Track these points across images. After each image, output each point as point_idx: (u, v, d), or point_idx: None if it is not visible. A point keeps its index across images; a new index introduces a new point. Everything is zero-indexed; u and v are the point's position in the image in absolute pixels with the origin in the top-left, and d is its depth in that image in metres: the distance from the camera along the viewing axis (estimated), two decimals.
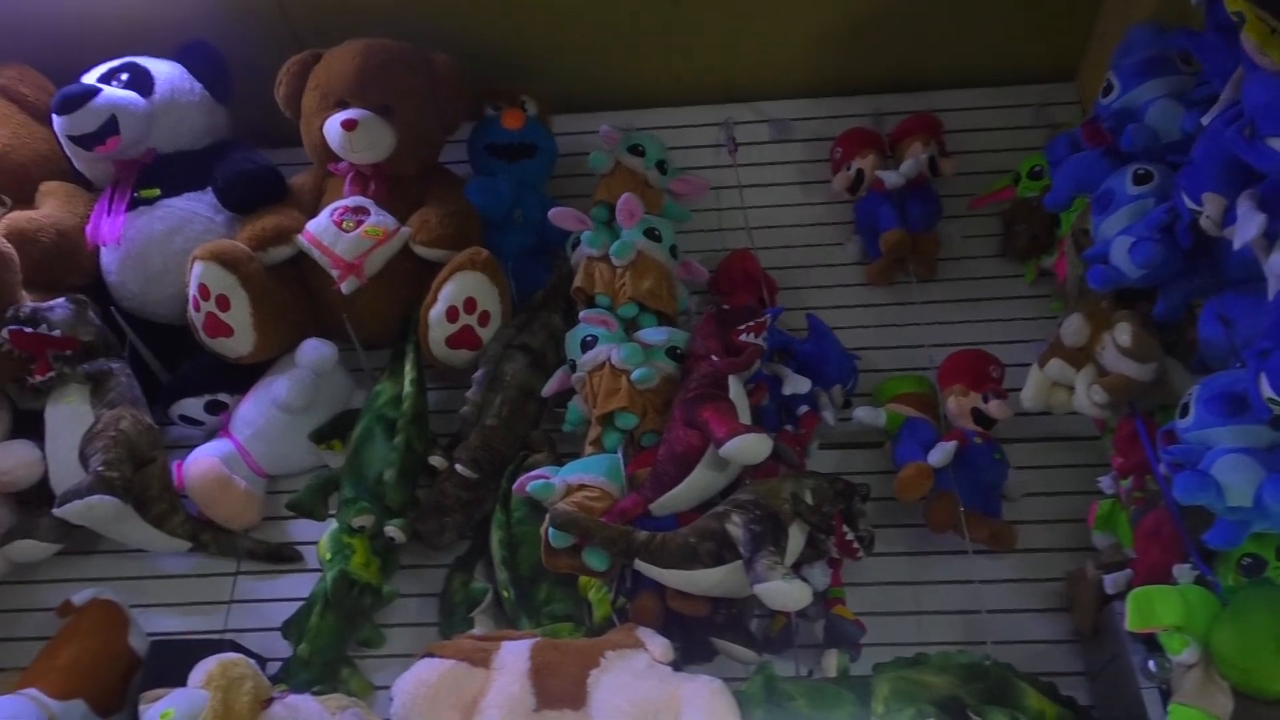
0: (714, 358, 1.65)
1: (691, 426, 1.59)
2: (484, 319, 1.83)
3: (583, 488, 1.64)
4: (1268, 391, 1.17)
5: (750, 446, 1.51)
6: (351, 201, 1.89)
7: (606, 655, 1.47)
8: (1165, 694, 1.37)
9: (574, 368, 1.79)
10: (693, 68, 2.17)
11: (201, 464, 1.80)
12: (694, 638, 1.59)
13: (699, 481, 1.59)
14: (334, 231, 1.85)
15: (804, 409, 1.74)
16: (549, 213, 1.88)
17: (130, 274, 1.92)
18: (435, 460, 1.79)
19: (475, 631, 1.63)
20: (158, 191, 1.94)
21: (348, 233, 1.85)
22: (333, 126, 1.88)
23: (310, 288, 1.90)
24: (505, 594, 1.68)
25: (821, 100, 2.20)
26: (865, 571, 1.67)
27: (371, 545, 1.73)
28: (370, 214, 1.87)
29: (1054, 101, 2.12)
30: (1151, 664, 1.37)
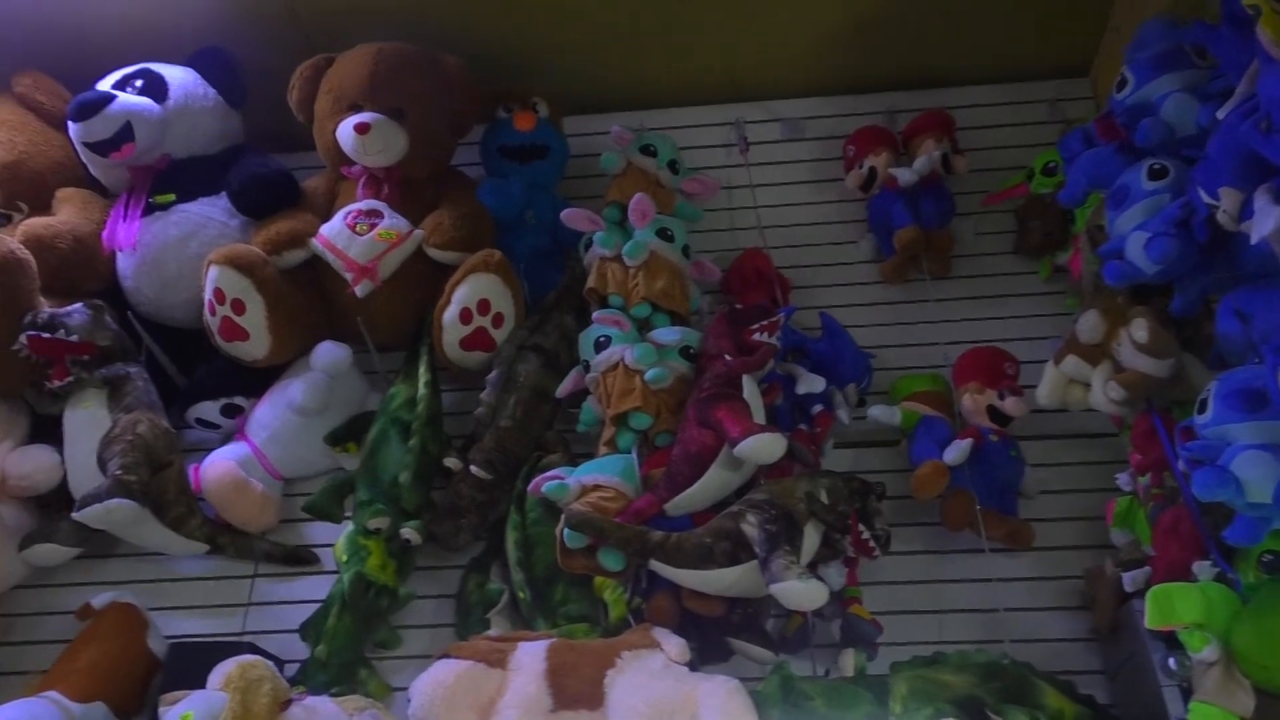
0: (727, 357, 1.65)
1: (706, 426, 1.59)
2: (497, 321, 1.84)
3: (597, 488, 1.64)
4: None
5: (765, 446, 1.51)
6: (365, 205, 1.89)
7: (623, 655, 1.47)
8: (1186, 692, 1.36)
9: (587, 368, 1.79)
10: (703, 67, 2.16)
11: (218, 467, 1.81)
12: (710, 638, 1.59)
13: (714, 481, 1.59)
14: (348, 235, 1.86)
15: (818, 408, 1.74)
16: (561, 214, 1.88)
17: (146, 279, 1.93)
18: (450, 462, 1.79)
19: (491, 633, 1.64)
20: (173, 197, 1.95)
21: (361, 236, 1.85)
22: (346, 130, 1.88)
23: (325, 291, 1.91)
24: (521, 595, 1.68)
25: (833, 99, 2.19)
26: (881, 570, 1.66)
27: (388, 547, 1.73)
28: (384, 217, 1.88)
29: (1067, 97, 2.11)
30: (1171, 662, 1.36)
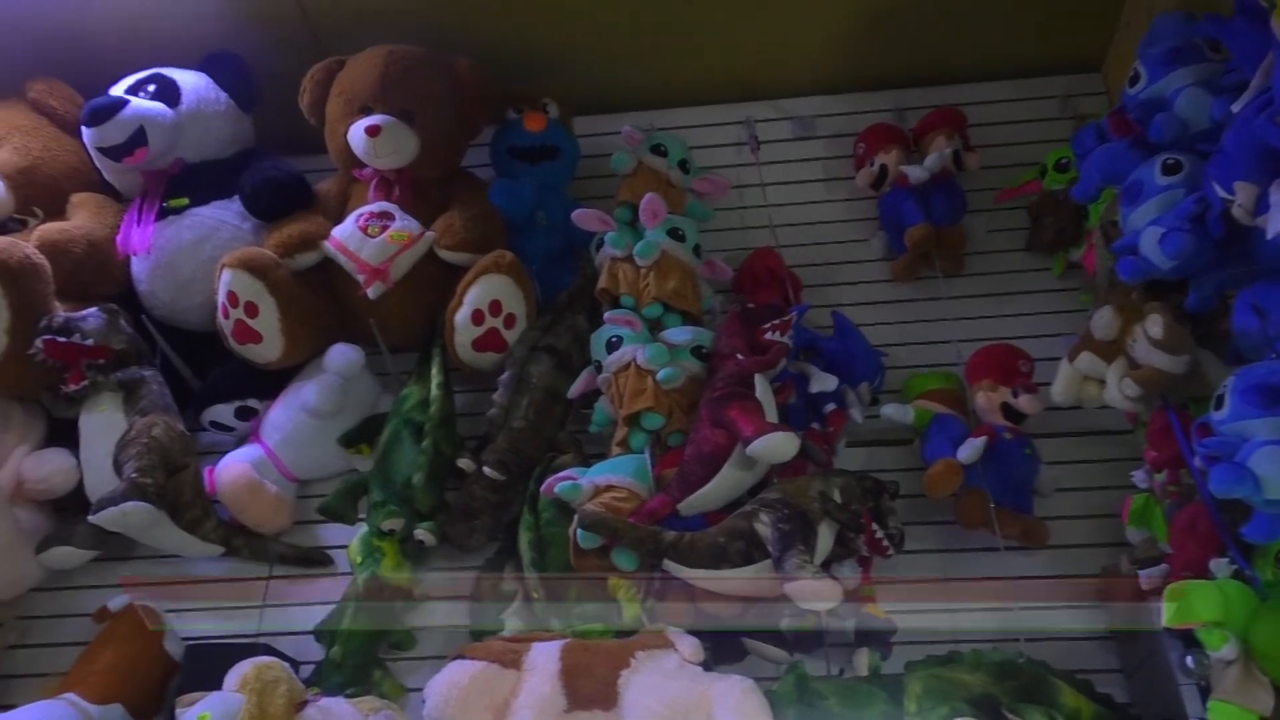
0: (740, 356, 1.65)
1: (718, 426, 1.58)
2: (509, 322, 1.84)
3: (610, 488, 1.64)
4: None
5: (778, 445, 1.51)
6: (376, 207, 1.90)
7: (637, 656, 1.47)
8: (1204, 690, 1.35)
9: (599, 369, 1.79)
10: (713, 66, 2.16)
11: (232, 469, 1.81)
12: (724, 637, 1.59)
13: (726, 481, 1.59)
14: (359, 237, 1.86)
15: (831, 407, 1.74)
16: (572, 214, 1.88)
17: (160, 282, 1.94)
18: (463, 463, 1.79)
19: (505, 633, 1.64)
20: (186, 201, 1.97)
21: (373, 238, 1.86)
22: (357, 133, 1.89)
23: (337, 293, 1.92)
24: (535, 595, 1.68)
25: (843, 96, 2.19)
26: (896, 569, 1.65)
27: (402, 548, 1.74)
28: (395, 219, 1.88)
29: (1080, 92, 2.10)
30: (1189, 660, 1.35)
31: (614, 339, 1.76)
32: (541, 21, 2.06)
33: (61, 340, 1.75)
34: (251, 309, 1.81)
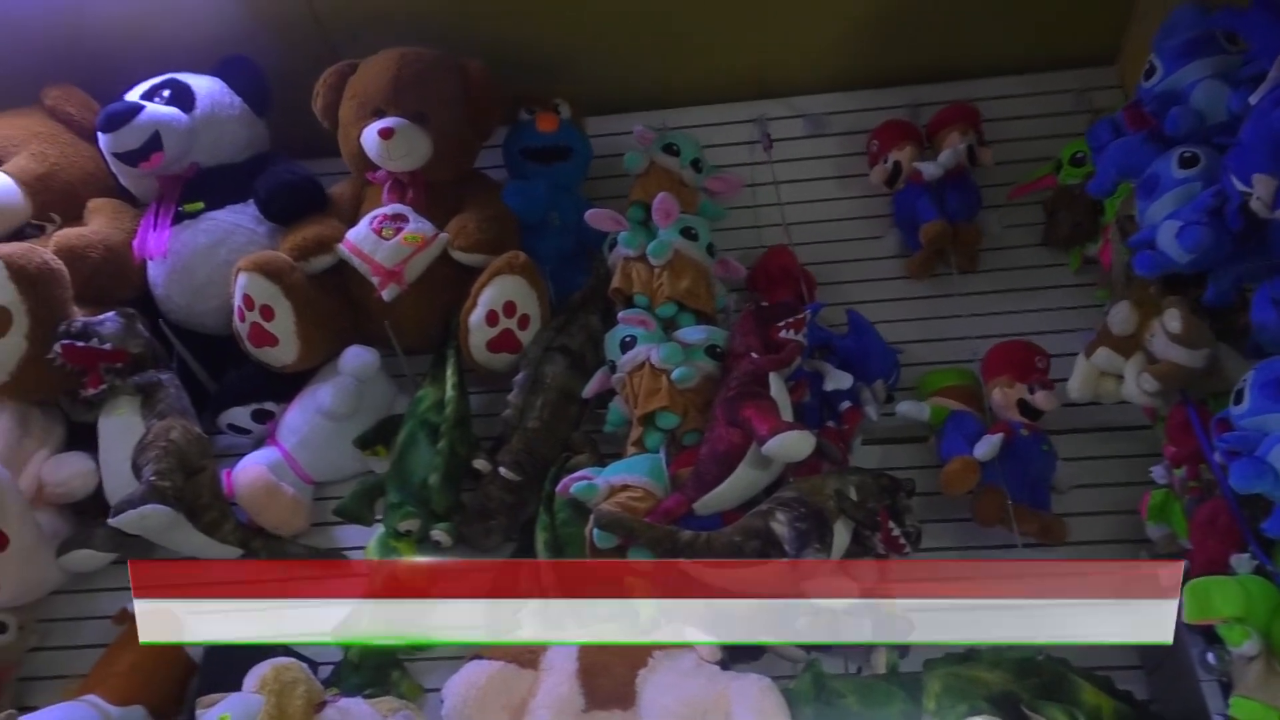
0: (754, 355, 1.65)
1: (733, 425, 1.58)
2: (523, 322, 1.84)
3: (626, 488, 1.64)
4: None
5: (793, 444, 1.51)
6: (390, 209, 1.90)
7: (654, 655, 1.47)
8: (1225, 686, 1.34)
9: (614, 368, 1.79)
10: (724, 65, 2.16)
11: (250, 472, 1.82)
12: None
13: (742, 480, 1.59)
14: (374, 239, 1.87)
15: (846, 405, 1.73)
16: (585, 214, 1.88)
17: (177, 286, 1.95)
18: (479, 464, 1.80)
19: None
20: (201, 205, 1.97)
21: (387, 240, 1.86)
22: (370, 135, 1.89)
23: (352, 296, 1.92)
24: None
25: (856, 93, 2.18)
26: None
27: (418, 549, 1.75)
28: (409, 221, 1.89)
29: (1094, 86, 2.08)
30: (1210, 656, 1.35)
31: (628, 339, 1.76)
32: (552, 23, 2.06)
33: (80, 345, 1.77)
34: (267, 312, 1.81)
